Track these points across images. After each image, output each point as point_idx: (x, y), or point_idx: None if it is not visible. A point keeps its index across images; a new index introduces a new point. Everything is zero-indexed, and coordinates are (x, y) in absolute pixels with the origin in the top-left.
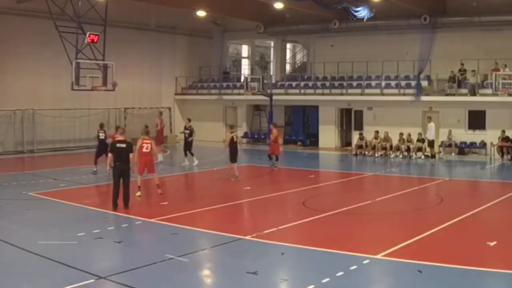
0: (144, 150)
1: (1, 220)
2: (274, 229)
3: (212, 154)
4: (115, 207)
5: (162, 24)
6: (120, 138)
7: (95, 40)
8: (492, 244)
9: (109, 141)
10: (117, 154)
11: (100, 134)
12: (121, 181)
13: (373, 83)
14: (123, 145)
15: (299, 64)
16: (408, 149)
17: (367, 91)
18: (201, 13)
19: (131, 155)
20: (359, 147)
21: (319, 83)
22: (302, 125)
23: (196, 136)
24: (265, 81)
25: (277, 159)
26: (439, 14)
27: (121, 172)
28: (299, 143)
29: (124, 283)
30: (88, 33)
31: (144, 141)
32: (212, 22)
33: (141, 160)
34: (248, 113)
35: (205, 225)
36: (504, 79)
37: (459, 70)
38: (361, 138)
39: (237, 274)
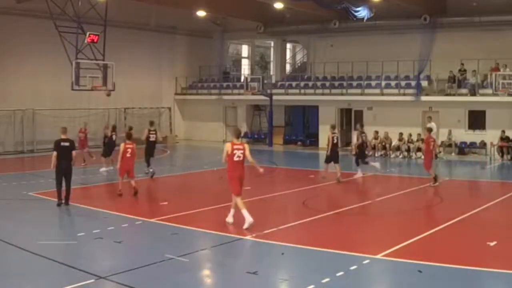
0: (127, 155)
1: (1, 220)
2: (274, 229)
3: (212, 154)
4: (59, 203)
5: (162, 24)
6: (63, 136)
7: (95, 40)
8: (492, 244)
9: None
10: (61, 152)
11: (151, 136)
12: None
13: (373, 83)
14: (67, 144)
15: (299, 64)
16: (408, 149)
17: (367, 91)
18: (201, 13)
19: (73, 152)
20: None
21: (319, 83)
22: (302, 125)
23: (196, 136)
24: (265, 81)
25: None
26: (439, 14)
27: (65, 169)
28: (299, 143)
29: (124, 283)
30: (88, 33)
31: (127, 146)
32: (212, 22)
33: (123, 164)
34: (248, 113)
35: (205, 225)
36: (504, 79)
37: (459, 70)
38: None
39: (237, 274)
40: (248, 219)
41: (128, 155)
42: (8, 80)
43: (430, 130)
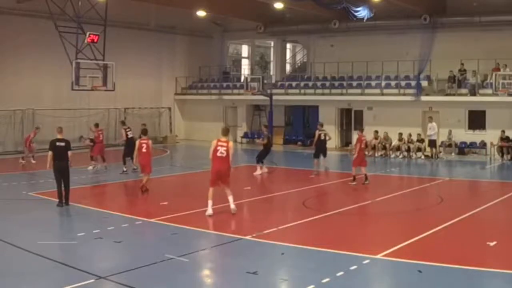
0: (143, 150)
1: (1, 220)
2: (274, 229)
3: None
4: (60, 204)
5: (162, 24)
6: (59, 136)
7: (95, 40)
8: (492, 244)
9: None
10: (56, 153)
11: (129, 133)
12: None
13: (373, 83)
14: (62, 144)
15: (299, 64)
16: (408, 149)
17: (367, 91)
18: (201, 13)
19: (69, 153)
20: None
21: (319, 83)
22: (302, 125)
23: (195, 136)
24: (265, 81)
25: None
26: (439, 14)
27: (61, 170)
28: (299, 143)
29: (124, 283)
30: (88, 33)
31: (142, 141)
32: (212, 22)
33: (140, 159)
34: (248, 113)
35: (205, 225)
36: (504, 79)
37: (459, 70)
38: None
39: (237, 274)
40: (209, 211)
41: (143, 150)
42: (8, 80)
43: (361, 129)
